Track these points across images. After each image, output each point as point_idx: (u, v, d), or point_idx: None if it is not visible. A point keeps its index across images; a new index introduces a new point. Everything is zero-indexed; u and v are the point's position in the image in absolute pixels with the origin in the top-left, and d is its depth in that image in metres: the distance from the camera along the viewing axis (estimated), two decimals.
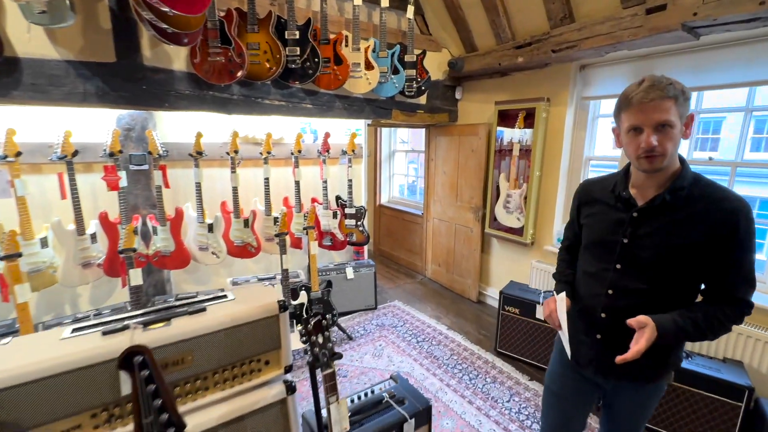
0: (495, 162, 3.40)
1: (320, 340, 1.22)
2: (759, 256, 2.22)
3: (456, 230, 3.94)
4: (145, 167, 2.67)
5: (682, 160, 1.08)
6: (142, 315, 1.22)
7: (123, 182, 2.47)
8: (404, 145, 5.48)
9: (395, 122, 3.55)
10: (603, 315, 1.15)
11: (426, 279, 4.46)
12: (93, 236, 2.48)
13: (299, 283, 2.96)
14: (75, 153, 2.32)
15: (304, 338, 1.23)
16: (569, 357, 1.22)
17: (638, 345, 0.98)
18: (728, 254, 1.01)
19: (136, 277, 2.27)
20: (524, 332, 2.71)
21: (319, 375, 1.24)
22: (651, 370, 1.14)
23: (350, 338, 3.10)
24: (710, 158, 2.39)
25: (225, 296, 1.38)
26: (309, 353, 1.19)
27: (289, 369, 1.33)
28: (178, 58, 2.40)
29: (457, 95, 3.77)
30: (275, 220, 3.06)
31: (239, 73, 2.36)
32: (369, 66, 2.90)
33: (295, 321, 2.71)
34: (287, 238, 3.00)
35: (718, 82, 2.22)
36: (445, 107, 3.75)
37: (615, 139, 1.15)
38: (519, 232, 3.26)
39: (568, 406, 1.35)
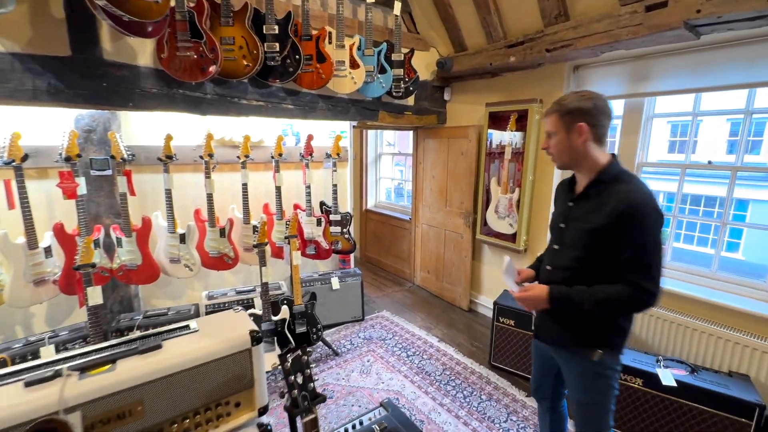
0: (486, 166, 3.27)
1: (300, 380, 1.04)
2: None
3: (446, 236, 3.79)
4: (108, 172, 2.43)
5: (614, 156, 1.29)
6: (80, 356, 1.01)
7: (81, 189, 2.23)
8: (391, 147, 5.33)
9: (382, 124, 3.39)
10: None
11: (415, 287, 4.31)
12: (47, 250, 2.22)
13: (281, 296, 2.76)
14: (25, 157, 2.07)
15: (282, 376, 1.04)
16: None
17: (520, 292, 1.33)
18: (623, 240, 1.16)
19: (95, 295, 2.03)
20: (520, 345, 2.58)
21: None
22: (573, 340, 1.31)
23: (336, 354, 2.91)
24: (709, 162, 2.31)
25: (187, 327, 1.17)
26: (287, 396, 1.01)
27: (264, 410, 1.15)
28: (143, 53, 2.18)
29: (446, 96, 3.64)
30: (254, 228, 2.85)
31: (211, 69, 2.15)
32: (354, 64, 2.73)
33: (276, 338, 2.51)
34: (267, 248, 2.81)
35: (717, 84, 2.14)
36: (433, 109, 3.60)
37: None
38: (511, 238, 3.14)
39: (537, 370, 1.59)
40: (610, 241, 1.18)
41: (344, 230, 3.26)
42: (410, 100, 3.40)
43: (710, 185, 8.17)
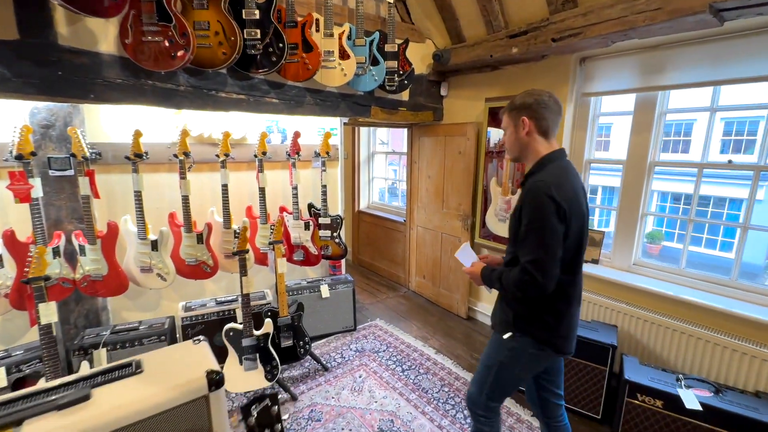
0: (485, 165, 3.07)
1: None
2: None
3: (443, 239, 3.59)
4: (70, 173, 2.18)
5: (559, 152, 1.34)
6: None
7: (36, 192, 1.98)
8: (384, 146, 5.12)
9: (375, 121, 3.18)
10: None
11: (410, 292, 4.10)
12: None
13: (265, 307, 2.53)
14: None
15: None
16: None
17: (468, 270, 1.54)
18: (522, 221, 1.25)
19: (48, 313, 1.78)
20: None
21: None
22: (499, 322, 1.44)
23: (325, 369, 2.69)
24: (730, 161, 2.13)
25: (130, 366, 0.94)
26: None
27: None
28: (105, 39, 1.94)
29: (443, 92, 3.43)
30: (235, 233, 2.61)
31: (182, 55, 1.91)
32: (344, 55, 2.51)
33: (258, 355, 2.28)
34: (250, 255, 2.58)
35: (740, 75, 1.96)
36: (429, 105, 3.40)
37: None
38: None
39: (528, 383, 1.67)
40: (520, 226, 1.27)
41: (334, 234, 3.03)
42: (405, 95, 3.19)
43: (709, 185, 8.08)
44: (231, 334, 2.22)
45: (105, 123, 2.39)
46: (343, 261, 3.53)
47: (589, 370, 2.16)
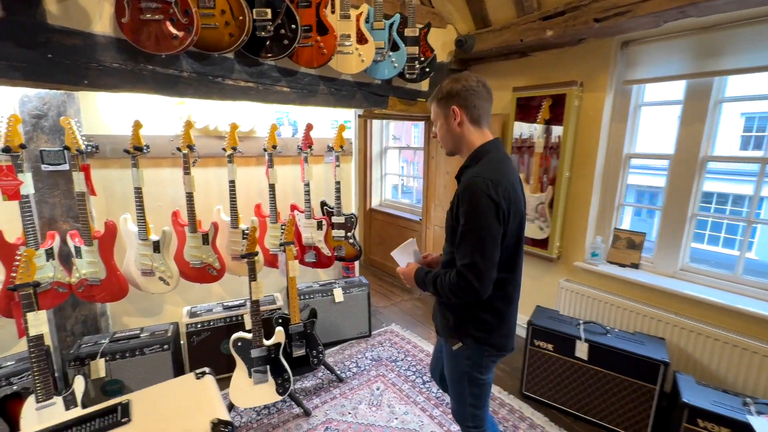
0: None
1: None
2: None
3: None
4: (64, 167, 2.00)
5: (492, 143, 1.26)
6: None
7: (27, 188, 1.79)
8: (396, 141, 4.90)
9: (392, 112, 2.96)
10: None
11: (425, 295, 3.89)
12: None
13: (275, 312, 2.34)
14: None
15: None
16: None
17: (401, 271, 1.43)
18: (459, 223, 1.16)
19: (37, 323, 1.60)
20: (559, 374, 2.17)
21: None
22: (443, 329, 1.37)
23: (340, 380, 2.50)
24: None
25: (115, 412, 0.75)
26: None
27: None
28: (99, 18, 1.74)
29: None
30: (243, 234, 2.42)
31: (183, 35, 1.71)
32: (362, 39, 2.29)
33: (269, 367, 2.09)
34: (259, 257, 2.38)
35: None
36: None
37: None
38: (542, 244, 2.72)
39: (434, 353, 1.68)
40: (456, 226, 1.19)
41: (348, 234, 2.83)
42: (424, 85, 2.96)
43: (731, 183, 7.69)
44: (239, 344, 2.03)
45: (103, 113, 2.20)
46: (356, 262, 3.33)
47: (635, 388, 1.94)
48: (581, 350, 2.07)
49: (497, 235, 1.14)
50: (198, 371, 1.04)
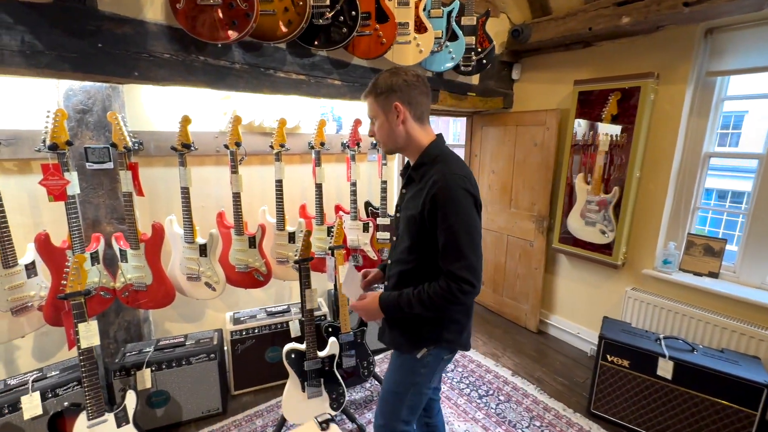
0: (570, 159, 2.65)
1: None
2: None
3: (508, 243, 3.19)
4: (109, 165, 1.88)
5: (439, 137, 1.22)
6: None
7: (73, 188, 1.68)
8: None
9: (440, 108, 2.79)
10: (386, 283, 1.32)
11: None
12: (30, 267, 1.69)
13: (324, 322, 2.20)
14: None
15: None
16: None
17: (359, 305, 1.25)
18: (436, 225, 1.09)
19: (89, 334, 1.49)
20: (636, 393, 1.99)
21: None
22: (405, 343, 1.25)
23: None
24: None
25: None
26: None
27: None
28: (151, 4, 1.61)
29: (514, 75, 3.01)
30: (290, 236, 2.29)
31: (243, 21, 1.57)
32: (421, 27, 2.12)
33: (323, 380, 1.95)
34: None
35: None
36: (499, 89, 2.98)
37: None
38: (605, 249, 2.52)
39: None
40: (429, 228, 1.11)
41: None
42: (474, 79, 2.78)
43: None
44: (293, 356, 1.90)
45: (146, 108, 2.08)
46: None
47: (729, 414, 1.76)
48: (665, 369, 1.88)
49: (480, 227, 1.13)
50: (320, 419, 0.89)
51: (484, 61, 2.44)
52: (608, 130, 2.41)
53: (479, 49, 2.41)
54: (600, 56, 2.50)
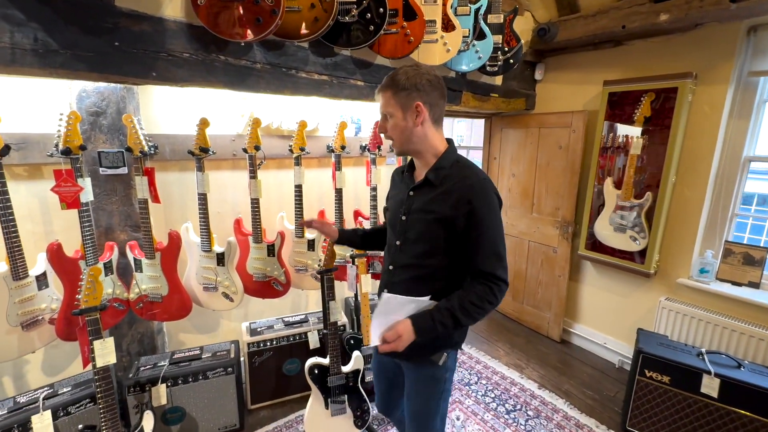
0: (598, 162, 2.54)
1: None
2: None
3: (530, 249, 3.09)
4: (123, 170, 1.79)
5: (450, 142, 1.20)
6: None
7: (87, 195, 1.59)
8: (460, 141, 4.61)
9: (461, 109, 2.69)
10: (385, 290, 1.22)
11: None
12: (41, 278, 1.60)
13: (346, 334, 2.11)
14: (5, 150, 1.44)
15: None
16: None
17: (393, 346, 1.07)
18: (472, 227, 1.07)
19: (105, 352, 1.40)
20: (676, 411, 1.88)
21: None
22: (425, 350, 1.19)
23: None
24: None
25: None
26: None
27: None
28: (170, 0, 1.51)
29: (537, 75, 2.91)
30: (310, 244, 2.19)
31: (268, 18, 1.47)
32: (448, 26, 2.03)
33: (347, 396, 1.86)
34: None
35: None
36: (522, 90, 2.88)
37: None
38: (635, 257, 2.42)
39: (384, 387, 1.46)
40: (457, 232, 1.10)
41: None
42: (497, 80, 2.68)
43: None
44: (316, 371, 1.80)
45: (161, 110, 1.99)
46: None
47: None
48: (710, 386, 1.78)
49: None
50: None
51: (511, 60, 2.34)
52: (640, 132, 2.30)
53: (506, 48, 2.31)
54: (632, 55, 2.40)
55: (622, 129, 2.41)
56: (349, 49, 1.90)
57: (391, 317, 1.10)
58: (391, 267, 1.24)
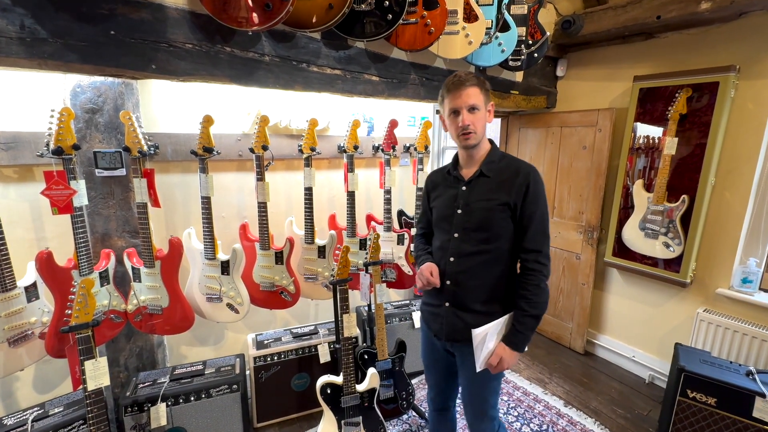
0: (627, 164, 2.38)
1: None
2: None
3: (551, 255, 2.92)
4: (121, 172, 1.65)
5: (491, 141, 1.33)
6: None
7: (81, 199, 1.46)
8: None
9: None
10: (448, 282, 1.31)
11: None
12: (30, 289, 1.46)
13: (359, 349, 1.96)
14: None
15: None
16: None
17: (500, 368, 1.24)
18: (526, 208, 1.21)
19: (98, 374, 1.26)
20: None
21: None
22: (497, 313, 1.29)
23: None
24: None
25: None
26: None
27: None
28: None
29: (559, 72, 2.75)
30: (321, 251, 2.05)
31: (276, 4, 1.33)
32: (471, 16, 1.88)
33: (362, 417, 1.71)
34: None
35: None
36: (543, 87, 2.73)
37: (442, 124, 1.33)
38: (670, 265, 2.25)
39: (437, 376, 1.52)
40: (515, 215, 1.22)
41: (455, 233, 2.43)
42: (518, 76, 2.53)
43: None
44: (328, 391, 1.65)
45: (162, 107, 1.86)
46: None
47: None
48: (764, 410, 1.60)
49: None
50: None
51: (536, 54, 2.19)
52: (675, 131, 2.14)
53: (530, 42, 2.16)
54: (665, 49, 2.24)
55: (654, 128, 2.24)
56: (364, 41, 1.75)
57: (488, 345, 1.25)
58: (452, 258, 1.30)
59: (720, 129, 2.00)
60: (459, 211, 1.29)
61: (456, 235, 1.29)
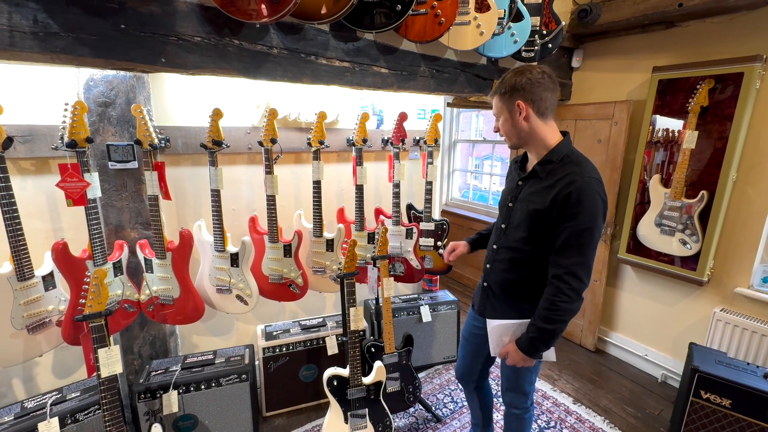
0: (644, 158, 2.31)
1: None
2: None
3: None
4: (133, 165, 1.68)
5: (565, 135, 1.25)
6: None
7: (94, 191, 1.49)
8: (464, 133, 4.41)
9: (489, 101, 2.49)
10: (488, 266, 1.42)
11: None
12: (48, 278, 1.51)
13: (366, 342, 1.97)
14: (8, 142, 1.34)
15: None
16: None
17: (510, 361, 1.31)
18: (562, 221, 1.14)
19: (110, 362, 1.29)
20: None
21: None
22: (516, 314, 1.33)
23: (438, 419, 2.10)
24: None
25: None
26: None
27: None
28: None
29: (574, 63, 2.68)
30: (329, 244, 2.06)
31: (289, 1, 1.32)
32: (483, 6, 1.83)
33: (367, 411, 1.72)
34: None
35: None
36: (557, 79, 2.65)
37: None
38: (686, 262, 2.19)
39: (468, 351, 1.60)
40: (551, 224, 1.17)
41: (439, 244, 2.42)
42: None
43: None
44: (334, 383, 1.67)
45: (173, 101, 1.88)
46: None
47: None
48: None
49: (601, 233, 1.17)
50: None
51: (550, 45, 2.13)
52: (695, 124, 2.06)
53: (544, 32, 2.11)
54: (686, 38, 2.15)
55: (674, 120, 2.17)
56: (373, 32, 1.73)
57: (504, 339, 1.33)
58: (495, 246, 1.37)
59: (743, 122, 1.92)
60: (510, 205, 1.33)
61: (503, 226, 1.35)
